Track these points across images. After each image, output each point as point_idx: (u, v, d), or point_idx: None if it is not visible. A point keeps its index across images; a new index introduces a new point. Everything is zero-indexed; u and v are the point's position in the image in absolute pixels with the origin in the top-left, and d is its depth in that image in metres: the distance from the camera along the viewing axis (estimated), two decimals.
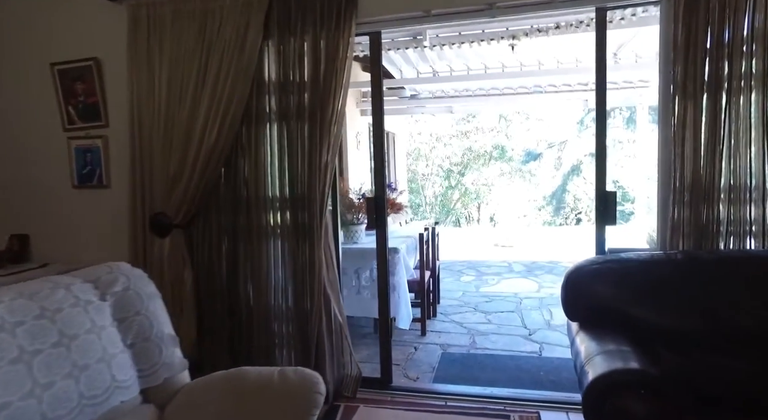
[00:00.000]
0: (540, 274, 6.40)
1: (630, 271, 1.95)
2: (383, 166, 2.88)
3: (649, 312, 1.86)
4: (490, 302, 5.08)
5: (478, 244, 9.16)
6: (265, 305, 2.79)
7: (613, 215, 2.55)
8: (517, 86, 6.08)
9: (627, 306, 1.89)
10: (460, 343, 3.89)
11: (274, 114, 2.72)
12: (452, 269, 6.76)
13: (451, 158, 18.93)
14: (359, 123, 6.70)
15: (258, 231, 2.76)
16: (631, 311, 1.88)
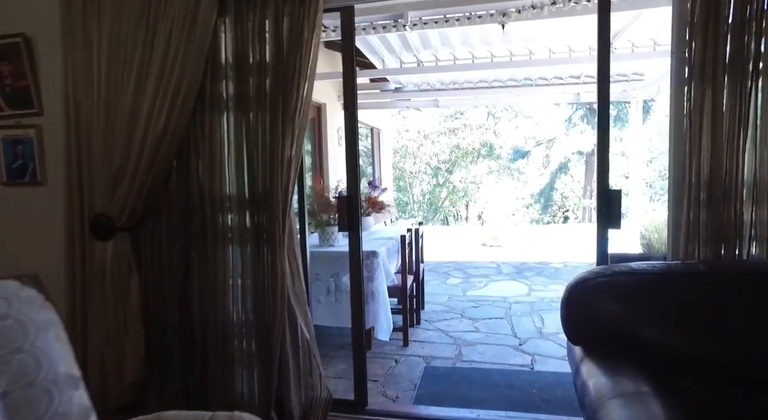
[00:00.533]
0: (530, 275, 6.10)
1: (644, 286, 1.63)
2: (356, 160, 2.54)
3: (669, 336, 1.54)
4: (477, 308, 4.77)
5: (466, 244, 8.86)
6: (222, 320, 2.43)
7: (617, 217, 2.23)
8: (506, 78, 5.76)
9: (641, 328, 1.57)
10: (445, 355, 3.56)
11: (232, 101, 2.36)
12: (438, 271, 6.44)
13: (439, 156, 18.64)
14: (340, 118, 6.33)
15: (213, 235, 2.40)
16: (646, 335, 1.56)
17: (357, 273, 2.60)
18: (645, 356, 1.52)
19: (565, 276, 6.01)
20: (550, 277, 5.96)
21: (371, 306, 3.45)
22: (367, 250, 3.49)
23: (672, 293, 1.59)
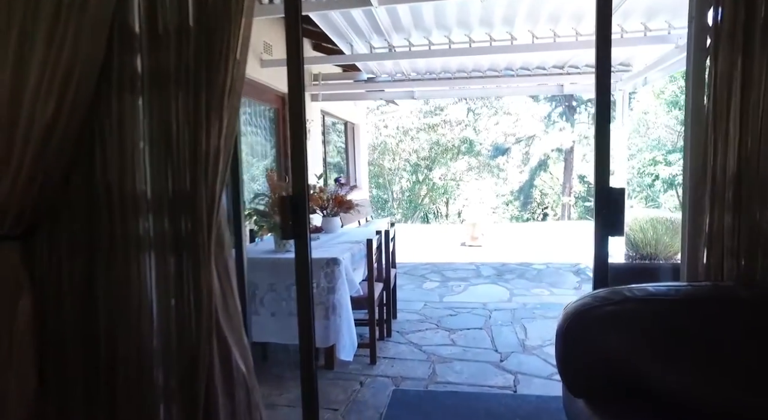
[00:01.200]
0: (510, 278, 5.72)
1: (667, 317, 1.22)
2: (303, 153, 2.08)
3: (702, 385, 1.13)
4: (455, 316, 4.35)
5: (445, 244, 8.47)
6: (136, 347, 1.94)
7: (618, 221, 1.82)
8: (486, 68, 5.35)
9: (666, 374, 1.16)
10: (417, 375, 3.13)
11: (146, 79, 1.88)
12: (414, 274, 6.02)
13: (419, 152, 18.24)
14: (309, 109, 5.86)
15: (125, 244, 1.91)
16: (672, 385, 1.14)
17: (305, 291, 2.14)
18: (671, 412, 1.11)
19: (548, 278, 5.66)
20: (532, 280, 5.59)
21: (333, 321, 3.00)
22: (328, 257, 3.04)
23: (706, 327, 1.18)
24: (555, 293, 5.03)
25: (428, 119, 17.18)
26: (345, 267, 3.09)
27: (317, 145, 6.12)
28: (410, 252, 7.53)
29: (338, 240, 3.78)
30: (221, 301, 1.94)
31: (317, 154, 6.13)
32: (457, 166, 18.70)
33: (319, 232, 4.19)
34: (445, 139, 17.50)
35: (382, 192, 19.91)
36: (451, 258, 7.05)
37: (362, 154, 8.79)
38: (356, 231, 4.50)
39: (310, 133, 5.79)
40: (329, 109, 6.67)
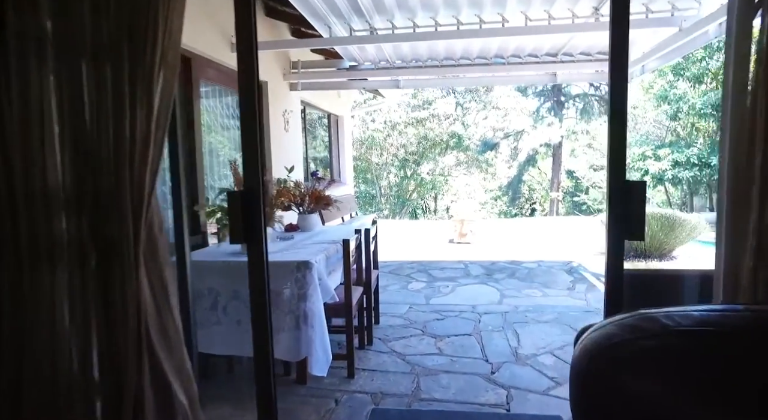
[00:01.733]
0: (500, 278, 5.40)
1: (722, 355, 0.89)
2: (255, 139, 1.72)
3: None
4: (442, 320, 4.02)
5: (432, 241, 8.15)
6: (50, 377, 1.58)
7: (637, 221, 1.49)
8: (475, 55, 5.01)
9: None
10: (399, 391, 2.79)
11: (53, 45, 1.50)
12: (400, 274, 5.68)
13: (407, 147, 17.90)
14: (288, 100, 5.48)
15: (33, 251, 1.55)
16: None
17: (261, 301, 1.78)
18: None
19: (540, 278, 5.35)
20: (523, 280, 5.28)
21: (304, 332, 2.64)
22: (299, 260, 2.68)
23: None
24: (548, 294, 4.73)
25: (416, 113, 16.82)
26: (318, 271, 2.73)
27: (297, 138, 5.74)
28: (396, 249, 7.20)
29: (314, 239, 3.42)
30: (155, 319, 1.57)
31: (297, 147, 5.75)
32: (445, 161, 18.39)
33: (294, 231, 3.83)
34: (433, 134, 17.17)
35: (370, 187, 19.56)
36: (438, 256, 6.72)
37: (347, 147, 8.42)
38: (336, 229, 4.14)
39: (288, 125, 5.41)
40: (311, 99, 6.29)
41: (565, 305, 4.36)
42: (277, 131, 5.16)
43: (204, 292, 2.76)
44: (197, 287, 2.77)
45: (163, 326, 1.59)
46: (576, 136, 24.34)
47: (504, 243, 7.98)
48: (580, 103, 25.50)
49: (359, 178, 19.72)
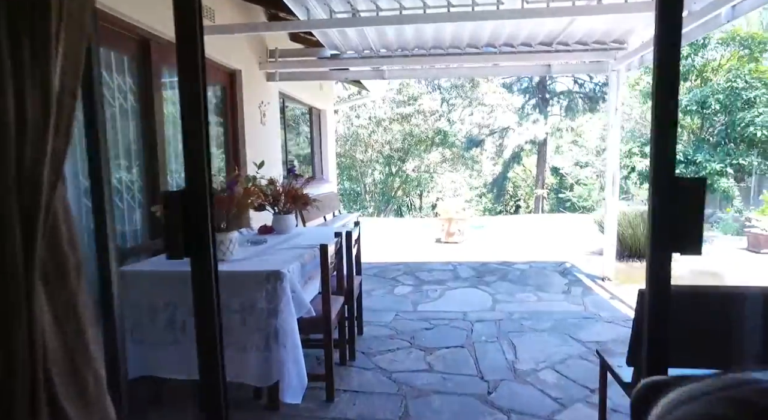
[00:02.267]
0: (492, 280, 5.09)
1: None
2: (198, 125, 1.34)
3: None
4: (431, 329, 3.69)
5: (419, 240, 7.81)
6: None
7: (694, 230, 1.16)
8: (465, 43, 4.67)
9: None
10: (384, 416, 2.44)
11: None
12: (385, 277, 5.33)
13: (392, 144, 17.53)
14: (265, 91, 5.07)
15: None
16: None
17: (209, 320, 1.41)
18: None
19: (533, 280, 5.05)
20: (515, 283, 4.97)
21: (275, 353, 2.27)
22: (268, 271, 2.30)
23: None
24: (543, 299, 4.42)
25: (401, 109, 16.47)
26: (291, 282, 2.36)
27: (275, 132, 5.34)
28: (381, 250, 6.85)
29: (290, 243, 3.05)
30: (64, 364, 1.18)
31: (275, 143, 5.35)
32: (430, 157, 18.08)
33: (269, 233, 3.46)
34: (418, 130, 16.83)
35: (355, 184, 19.18)
36: (425, 257, 6.39)
37: (330, 143, 8.03)
38: (315, 231, 3.76)
39: (265, 118, 5.01)
40: (290, 91, 5.89)
41: (562, 311, 4.06)
42: (253, 124, 4.76)
43: (159, 306, 2.37)
44: (152, 301, 2.38)
45: (76, 373, 1.21)
46: (561, 133, 24.26)
47: (493, 242, 7.68)
48: (564, 99, 25.44)
49: (344, 176, 19.32)
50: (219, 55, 4.13)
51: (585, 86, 24.77)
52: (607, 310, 4.03)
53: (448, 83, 18.66)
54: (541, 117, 23.46)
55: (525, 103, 24.82)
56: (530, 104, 24.94)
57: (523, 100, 24.83)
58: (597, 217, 6.25)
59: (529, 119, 23.76)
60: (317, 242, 2.92)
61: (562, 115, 25.20)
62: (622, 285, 4.83)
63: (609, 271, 4.98)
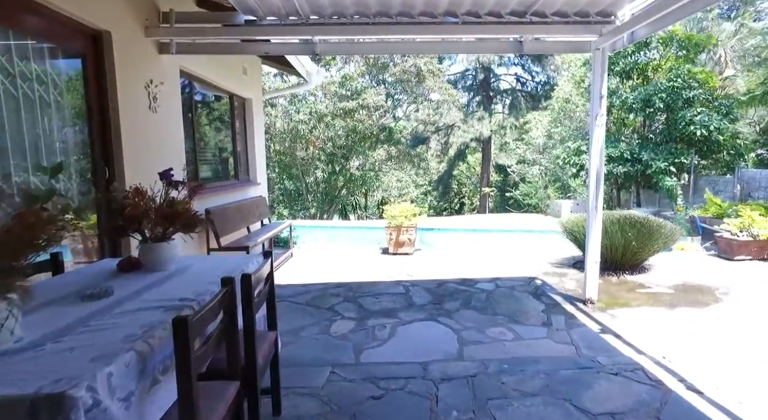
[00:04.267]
0: (453, 308, 4.03)
1: None
2: None
3: None
4: (380, 399, 2.55)
5: (363, 250, 6.68)
6: None
7: None
8: (418, 10, 3.56)
9: None
10: None
11: None
12: (320, 306, 4.14)
13: (335, 140, 16.24)
14: (156, 66, 3.74)
15: None
16: None
17: None
18: None
19: (503, 306, 4.04)
20: (483, 311, 3.95)
21: None
22: (38, 395, 1.08)
23: None
24: (521, 335, 3.41)
25: (344, 103, 15.23)
26: (105, 409, 1.15)
27: (173, 123, 4.02)
28: (319, 265, 5.66)
29: (149, 297, 1.81)
30: None
31: (174, 137, 4.02)
32: (375, 155, 16.97)
33: (133, 271, 2.21)
34: (362, 127, 15.64)
35: (295, 184, 17.75)
36: (371, 274, 5.26)
37: (259, 139, 6.72)
38: (208, 266, 2.50)
39: (157, 103, 3.68)
40: (198, 71, 4.55)
41: (549, 356, 3.05)
42: (137, 112, 3.42)
43: None
44: None
45: None
46: (504, 131, 23.92)
47: (448, 251, 6.69)
48: (508, 98, 25.18)
49: (284, 175, 17.86)
50: (73, 7, 2.79)
51: (527, 85, 24.60)
52: (606, 353, 3.07)
53: (393, 77, 17.64)
54: (486, 114, 23.00)
55: (470, 99, 24.31)
56: (475, 101, 24.45)
57: (468, 97, 24.30)
58: (565, 222, 5.36)
59: (474, 116, 23.24)
60: (200, 289, 1.72)
61: (505, 113, 24.93)
62: (609, 309, 3.92)
63: (592, 290, 4.07)
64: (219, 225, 4.51)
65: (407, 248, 6.15)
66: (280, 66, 6.83)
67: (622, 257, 4.89)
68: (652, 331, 3.45)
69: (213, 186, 5.00)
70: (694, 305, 4.00)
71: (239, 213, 5.21)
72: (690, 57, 13.26)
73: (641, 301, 4.13)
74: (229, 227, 4.83)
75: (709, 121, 11.41)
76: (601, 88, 3.85)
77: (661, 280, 4.76)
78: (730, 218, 7.38)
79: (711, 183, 12.86)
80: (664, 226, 4.88)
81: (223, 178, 5.62)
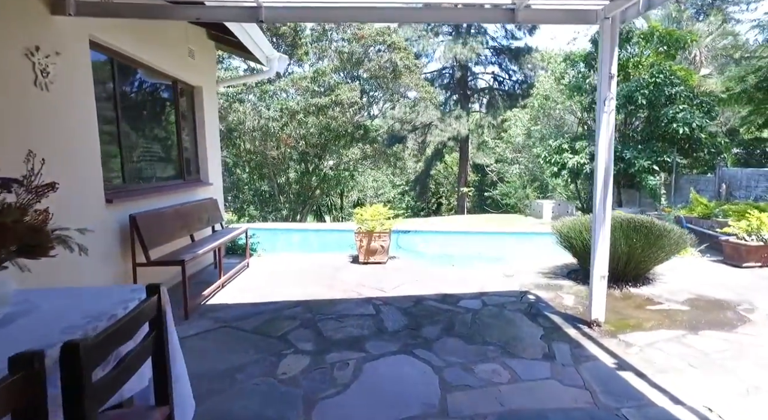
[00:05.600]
0: (433, 336, 3.25)
1: None
2: None
3: None
4: None
5: (332, 256, 5.86)
6: None
7: None
8: None
9: None
10: None
11: None
12: (270, 334, 3.31)
13: (308, 139, 15.35)
14: (48, 30, 2.86)
15: None
16: None
17: None
18: None
19: (494, 331, 3.30)
20: (469, 339, 3.19)
21: None
22: None
23: None
24: (518, 375, 2.66)
25: (317, 99, 14.36)
26: None
27: (79, 106, 3.14)
28: (278, 278, 4.83)
29: None
30: None
31: (79, 126, 3.15)
32: (350, 154, 16.14)
33: None
34: (336, 124, 14.78)
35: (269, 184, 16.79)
36: (336, 289, 4.46)
37: (212, 133, 5.83)
38: (67, 302, 1.66)
39: (48, 79, 2.80)
40: (122, 46, 3.69)
41: (560, 407, 2.30)
42: (8, 87, 2.55)
43: None
44: None
45: None
46: (482, 130, 23.38)
47: (425, 259, 5.93)
48: (485, 96, 24.65)
49: (254, 175, 16.88)
50: None
51: (505, 83, 24.11)
52: (630, 401, 2.34)
53: (368, 73, 16.85)
54: (464, 113, 22.41)
55: (448, 98, 23.69)
56: (452, 100, 23.84)
57: (445, 95, 23.67)
58: (560, 227, 4.65)
59: (451, 115, 22.62)
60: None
61: (483, 111, 24.39)
62: (620, 334, 3.21)
63: (598, 310, 3.35)
64: (147, 234, 3.64)
65: (380, 256, 5.37)
66: (235, 49, 5.96)
67: (626, 267, 4.21)
68: (680, 365, 2.74)
69: (142, 188, 4.12)
70: (718, 327, 3.32)
71: (179, 219, 4.35)
72: (671, 53, 12.85)
73: (655, 322, 3.43)
74: (164, 236, 3.96)
75: (692, 118, 10.98)
76: (610, 67, 3.13)
77: (671, 294, 4.09)
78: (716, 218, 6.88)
79: (692, 182, 12.48)
80: (671, 230, 4.22)
81: (162, 177, 4.73)
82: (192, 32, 5.17)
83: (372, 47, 16.64)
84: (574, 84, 12.20)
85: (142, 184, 4.17)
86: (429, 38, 22.21)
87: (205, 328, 3.43)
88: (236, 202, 17.81)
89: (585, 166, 11.09)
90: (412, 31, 21.70)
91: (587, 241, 4.30)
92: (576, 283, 4.45)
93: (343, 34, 16.90)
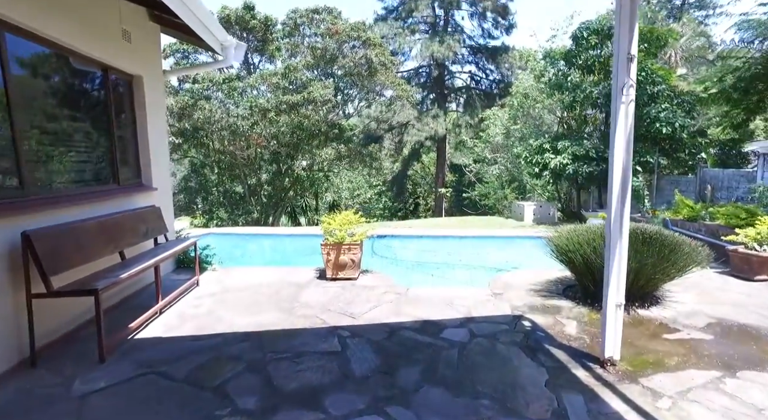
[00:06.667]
0: (411, 384, 2.57)
1: None
2: None
3: None
4: None
5: (295, 271, 5.12)
6: None
7: None
8: None
9: None
10: None
11: None
12: (204, 385, 2.56)
13: (279, 138, 14.52)
14: None
15: None
16: None
17: None
18: None
19: (486, 375, 2.63)
20: (457, 390, 2.51)
21: None
22: None
23: None
24: None
25: (288, 97, 13.54)
26: None
27: None
28: (228, 300, 4.06)
29: None
30: None
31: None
32: (324, 154, 15.36)
33: None
34: (309, 123, 14.00)
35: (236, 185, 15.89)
36: (297, 313, 3.73)
37: (155, 129, 5.02)
38: None
39: None
40: (17, 17, 2.90)
41: None
42: None
43: None
44: None
45: None
46: (460, 130, 22.88)
47: (402, 270, 5.25)
48: (462, 96, 24.15)
49: (224, 176, 15.95)
50: None
51: (482, 83, 23.66)
52: None
53: (342, 70, 16.10)
54: (441, 112, 21.86)
55: (425, 97, 23.10)
56: (429, 99, 23.26)
57: (422, 94, 23.08)
58: (556, 238, 4.02)
59: (428, 114, 22.05)
60: None
61: (460, 111, 23.90)
62: (641, 376, 2.58)
63: (613, 347, 2.72)
64: (49, 256, 2.84)
65: (350, 272, 4.65)
66: (184, 35, 5.16)
67: (633, 285, 3.60)
68: None
69: (51, 196, 3.30)
70: (757, 365, 2.73)
71: (104, 233, 3.55)
72: (651, 51, 12.49)
73: (679, 359, 2.82)
74: (79, 257, 3.16)
75: (674, 117, 10.61)
76: (629, 47, 2.50)
77: (686, 318, 3.50)
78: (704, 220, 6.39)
79: (673, 183, 12.16)
80: (684, 243, 3.64)
81: (86, 182, 3.91)
82: (128, 11, 4.36)
83: (346, 43, 15.91)
84: (554, 82, 11.71)
85: (51, 191, 3.35)
86: (405, 36, 21.59)
87: (123, 376, 2.66)
88: (205, 205, 16.83)
89: (568, 166, 10.58)
90: (388, 28, 21.04)
91: (588, 254, 3.69)
92: (575, 303, 3.83)
93: (317, 29, 16.11)
